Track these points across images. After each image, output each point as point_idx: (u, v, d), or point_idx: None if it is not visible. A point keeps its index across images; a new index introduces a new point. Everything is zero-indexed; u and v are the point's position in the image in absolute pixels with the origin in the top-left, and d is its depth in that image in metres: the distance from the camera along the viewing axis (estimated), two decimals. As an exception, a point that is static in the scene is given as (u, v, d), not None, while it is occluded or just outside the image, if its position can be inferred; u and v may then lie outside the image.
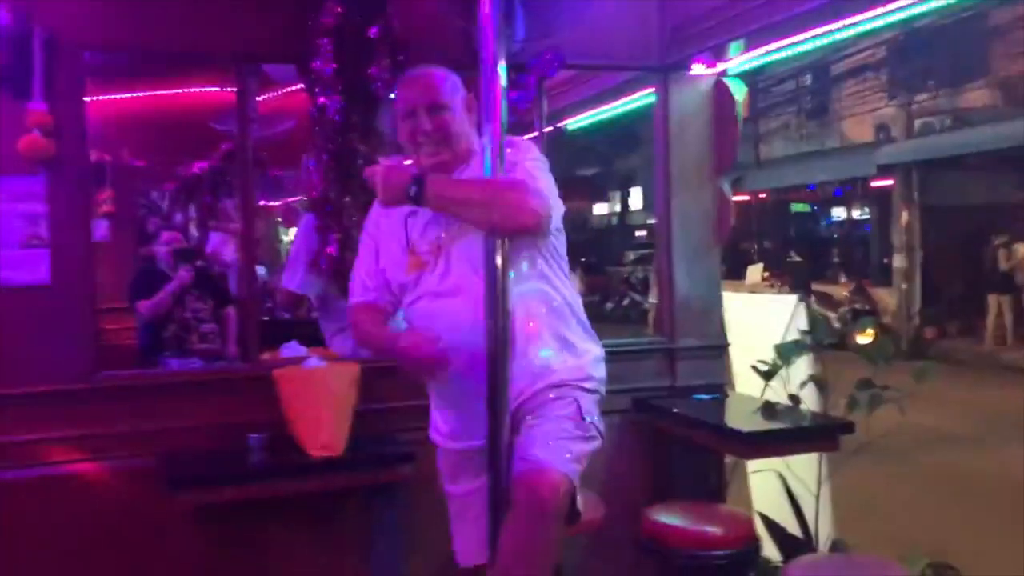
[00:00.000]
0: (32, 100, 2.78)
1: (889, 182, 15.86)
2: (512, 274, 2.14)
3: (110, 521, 2.82)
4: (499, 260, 2.09)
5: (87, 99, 3.00)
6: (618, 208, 29.60)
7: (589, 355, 2.33)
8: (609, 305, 20.44)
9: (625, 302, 20.25)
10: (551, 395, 2.22)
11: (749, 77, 3.64)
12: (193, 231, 7.22)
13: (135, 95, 5.22)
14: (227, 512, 2.84)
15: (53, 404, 2.85)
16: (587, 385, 2.29)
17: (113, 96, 5.04)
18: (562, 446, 2.16)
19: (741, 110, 3.59)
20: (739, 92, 3.58)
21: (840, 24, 3.16)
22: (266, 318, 5.24)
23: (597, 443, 2.26)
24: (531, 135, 3.54)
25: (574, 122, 5.32)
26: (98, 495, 2.84)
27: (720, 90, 3.61)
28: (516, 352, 2.15)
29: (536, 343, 2.22)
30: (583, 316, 2.37)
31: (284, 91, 4.95)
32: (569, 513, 2.15)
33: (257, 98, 4.28)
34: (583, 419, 2.23)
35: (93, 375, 2.91)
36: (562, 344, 2.26)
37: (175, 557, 2.87)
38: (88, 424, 2.85)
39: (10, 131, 2.78)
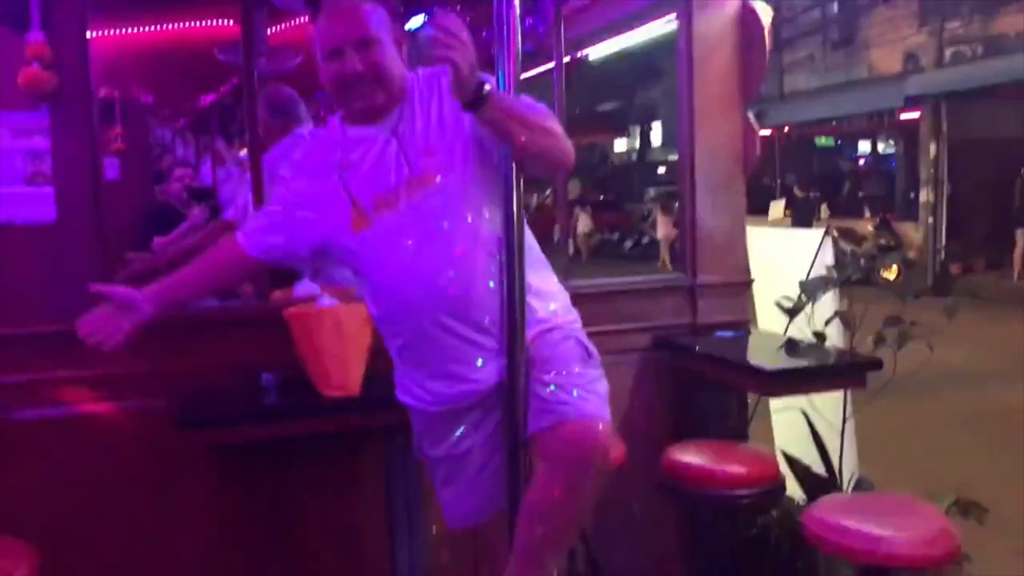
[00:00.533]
0: (31, 30, 2.69)
1: (916, 114, 15.52)
2: (469, 218, 2.07)
3: (123, 462, 2.81)
4: (515, 206, 2.03)
5: (92, 34, 2.91)
6: (638, 144, 29.25)
7: (562, 295, 2.25)
8: (628, 243, 20.32)
9: (645, 240, 20.12)
10: (554, 338, 2.15)
11: (773, 6, 3.48)
12: (205, 167, 7.16)
13: (142, 30, 5.12)
14: (241, 452, 2.82)
15: (65, 344, 2.80)
16: (576, 324, 2.23)
17: (120, 31, 4.94)
18: (591, 391, 2.09)
19: (768, 35, 3.44)
20: (766, 16, 3.42)
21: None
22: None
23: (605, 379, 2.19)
24: (548, 66, 3.43)
25: (594, 51, 5.17)
26: (111, 435, 2.82)
27: (747, 13, 3.45)
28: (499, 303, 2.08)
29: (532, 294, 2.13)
30: (540, 254, 2.25)
31: (294, 23, 4.84)
32: None
33: (266, 31, 4.19)
34: (591, 356, 2.17)
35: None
36: (537, 288, 2.15)
37: (190, 497, 2.86)
38: (101, 364, 2.79)
39: (10, 64, 2.69)
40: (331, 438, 2.81)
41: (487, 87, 1.89)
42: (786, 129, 20.65)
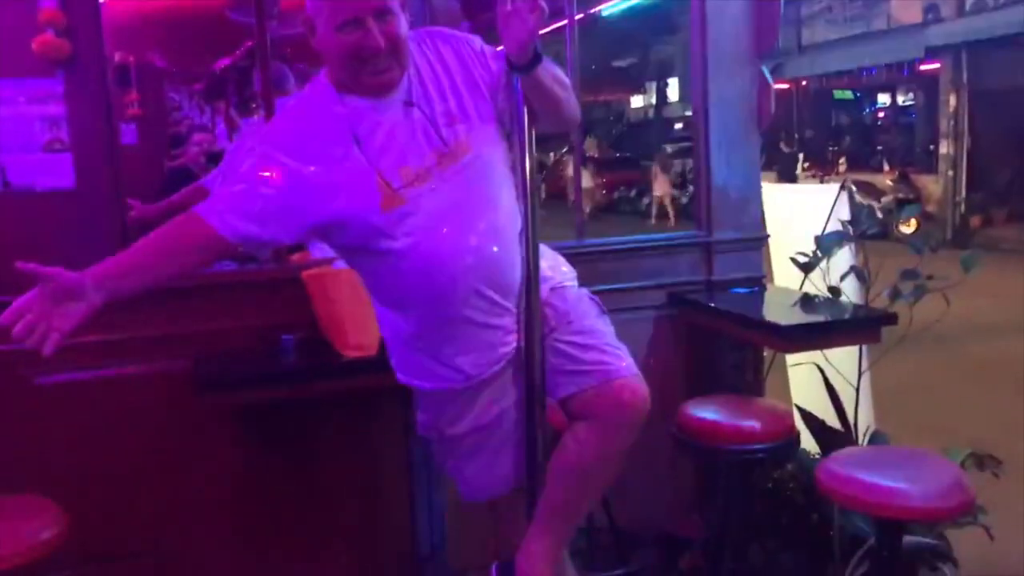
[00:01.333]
0: (43, -3, 2.70)
1: (936, 65, 15.29)
2: (499, 184, 2.08)
3: (146, 424, 2.86)
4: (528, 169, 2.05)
5: (104, -2, 2.91)
6: (655, 100, 28.97)
7: (551, 254, 2.27)
8: (646, 200, 20.21)
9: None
10: (569, 295, 2.17)
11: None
12: (223, 133, 7.15)
13: (155, -7, 5.11)
14: (262, 414, 2.86)
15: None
16: (576, 279, 2.25)
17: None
18: (618, 345, 2.13)
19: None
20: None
21: None
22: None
23: None
24: (560, 23, 3.40)
25: (607, 8, 5.10)
26: (133, 398, 2.86)
27: (760, -33, 3.41)
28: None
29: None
30: None
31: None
32: None
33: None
34: (603, 311, 2.20)
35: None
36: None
37: (212, 459, 2.91)
38: (121, 328, 2.85)
39: (24, 32, 2.70)
40: (350, 398, 2.85)
41: (535, 50, 1.91)
42: (804, 83, 20.40)
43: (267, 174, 1.93)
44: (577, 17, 3.51)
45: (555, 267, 2.24)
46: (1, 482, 2.45)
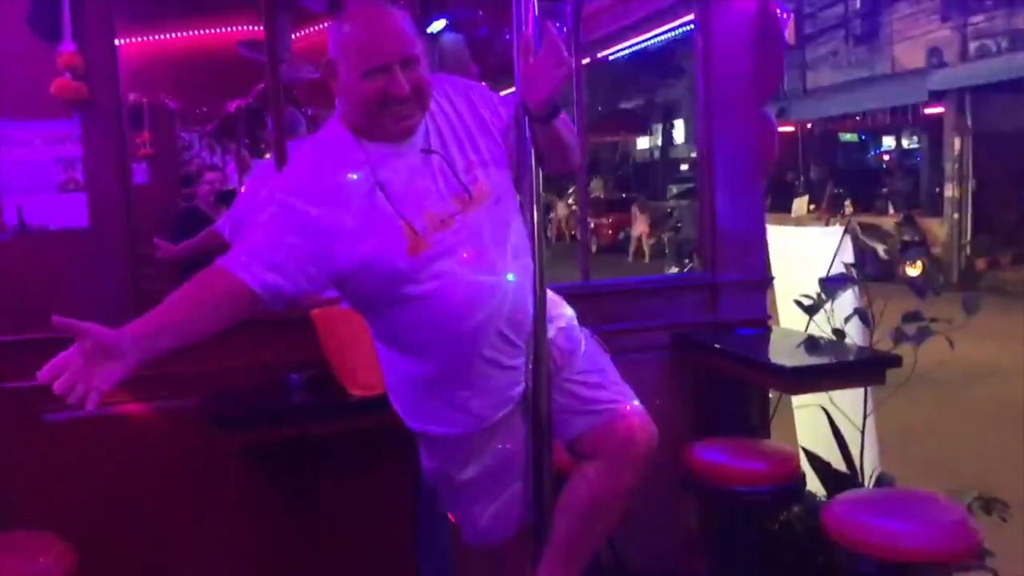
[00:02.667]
0: (62, 42, 2.76)
1: (940, 109, 15.40)
2: (515, 226, 2.12)
3: (157, 461, 2.87)
4: (535, 214, 2.10)
5: (120, 41, 2.98)
6: (660, 141, 29.16)
7: (557, 297, 2.29)
8: (651, 240, 20.27)
9: (665, 237, 20.04)
10: (573, 335, 2.20)
11: (795, 2, 3.50)
12: (233, 172, 7.23)
13: (169, 36, 5.20)
14: (270, 451, 2.87)
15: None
16: (575, 319, 2.27)
17: (147, 37, 5.03)
18: (624, 384, 2.17)
19: (786, 35, 3.46)
20: (784, 15, 3.44)
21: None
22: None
23: None
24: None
25: (613, 52, 5.19)
26: (144, 435, 2.88)
27: (764, 13, 3.47)
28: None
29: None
30: None
31: (316, 29, 4.90)
32: None
33: (290, 36, 4.24)
34: (606, 350, 2.24)
35: (135, 317, 2.93)
36: None
37: (219, 496, 2.92)
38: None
39: (42, 74, 2.76)
40: (357, 437, 2.86)
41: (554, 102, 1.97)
42: (809, 125, 20.54)
43: (289, 223, 1.92)
44: (584, 61, 3.57)
45: (559, 308, 2.26)
46: (8, 518, 2.46)
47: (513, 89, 2.11)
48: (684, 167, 26.07)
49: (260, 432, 2.77)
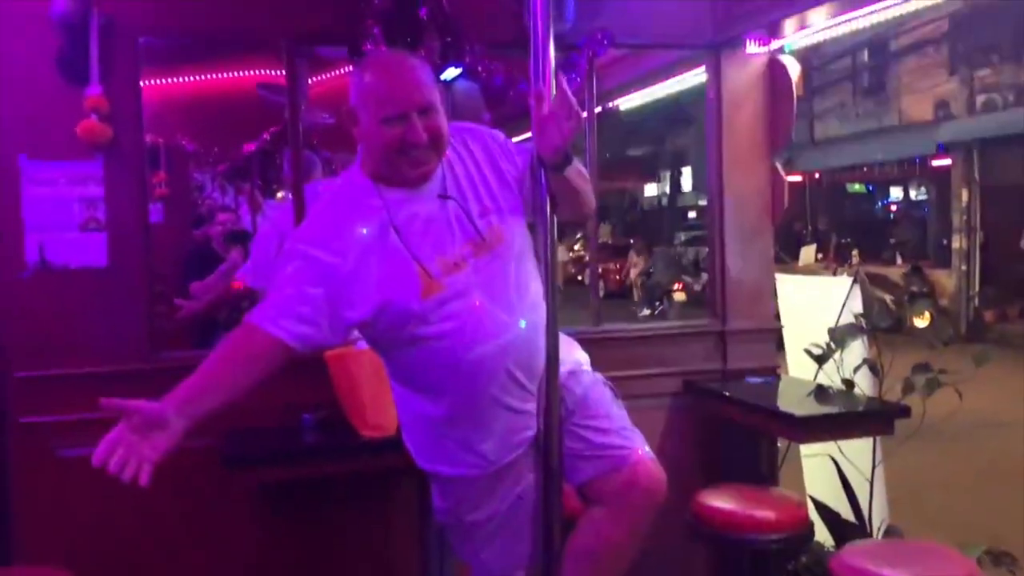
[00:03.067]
0: (89, 85, 2.83)
1: (948, 161, 15.49)
2: (528, 270, 2.16)
3: (171, 498, 2.88)
4: (550, 260, 2.13)
5: (142, 83, 3.05)
6: (668, 188, 29.34)
7: (571, 342, 2.33)
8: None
9: (675, 284, 20.08)
10: (584, 380, 2.22)
11: (803, 54, 3.56)
12: (244, 213, 7.31)
13: (187, 79, 5.30)
14: (282, 490, 2.89)
15: (113, 384, 2.90)
16: (588, 364, 2.30)
17: (166, 80, 5.12)
18: (634, 430, 2.19)
19: (796, 88, 3.53)
20: (794, 69, 3.51)
21: (900, -1, 3.07)
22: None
23: None
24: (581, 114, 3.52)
25: (625, 101, 5.26)
26: (159, 473, 2.88)
27: (774, 68, 3.54)
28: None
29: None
30: None
31: (333, 74, 4.99)
32: None
33: (308, 81, 4.32)
34: (617, 395, 2.26)
35: (151, 355, 2.97)
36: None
37: (232, 534, 2.93)
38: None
39: (68, 116, 2.83)
40: (368, 477, 2.88)
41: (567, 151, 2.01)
42: (817, 175, 20.65)
43: (312, 275, 1.97)
44: (596, 111, 3.63)
45: (571, 352, 2.29)
46: (23, 552, 2.47)
47: (528, 135, 2.16)
48: (692, 214, 26.18)
49: (273, 471, 2.78)
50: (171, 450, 1.80)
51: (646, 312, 15.49)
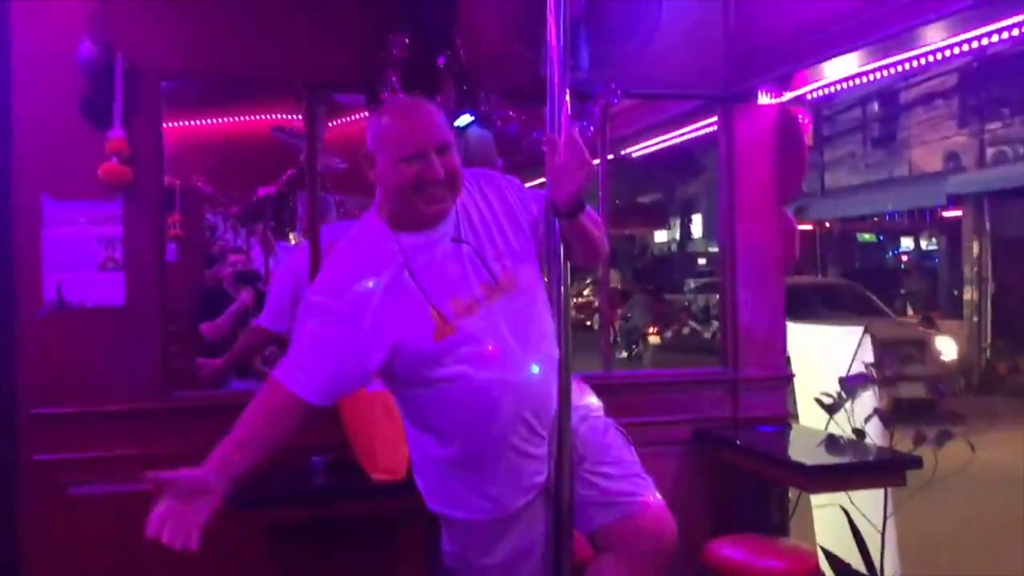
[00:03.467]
0: (112, 128, 2.89)
1: (958, 212, 15.53)
2: (541, 315, 2.17)
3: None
4: (563, 306, 2.14)
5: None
6: (679, 235, 29.42)
7: (584, 386, 2.34)
8: (668, 334, 20.26)
9: (685, 331, 20.05)
10: (597, 425, 2.23)
11: (814, 105, 3.61)
12: (256, 255, 7.35)
13: (204, 122, 5.38)
14: (291, 531, 2.88)
15: (126, 422, 2.93)
16: (601, 409, 2.31)
17: (183, 123, 5.20)
18: (646, 478, 2.19)
19: (806, 139, 3.57)
20: (804, 121, 3.55)
21: (912, 53, 3.10)
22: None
23: None
24: (593, 162, 3.56)
25: (636, 149, 5.32)
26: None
27: (785, 119, 3.58)
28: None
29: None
30: None
31: (348, 120, 5.06)
32: None
33: (325, 126, 4.39)
34: (630, 442, 2.26)
35: (164, 395, 2.99)
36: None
37: (243, 574, 2.91)
38: (159, 443, 2.92)
39: (90, 157, 2.88)
40: (377, 520, 2.87)
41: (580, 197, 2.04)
42: (828, 224, 20.68)
43: (333, 331, 2.02)
44: (608, 158, 3.67)
45: (583, 397, 2.29)
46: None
47: (541, 181, 2.19)
48: (702, 261, 26.20)
49: (283, 513, 2.78)
50: (216, 512, 1.88)
51: (624, 355, 15.81)
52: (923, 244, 20.47)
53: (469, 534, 2.18)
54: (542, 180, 2.17)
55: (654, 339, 16.56)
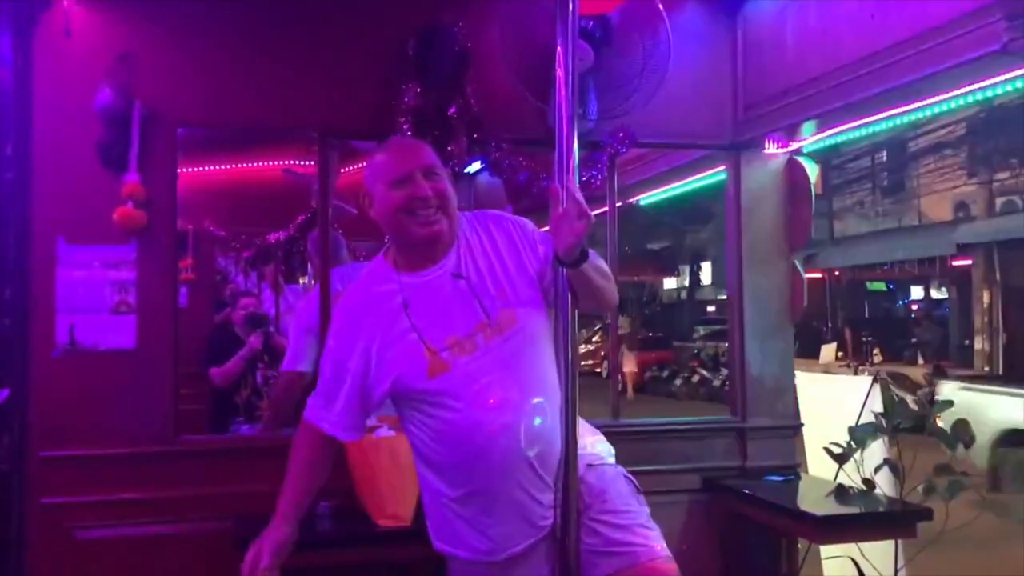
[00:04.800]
0: (127, 172, 2.93)
1: (968, 261, 15.52)
2: (542, 356, 2.17)
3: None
4: (569, 353, 2.14)
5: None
6: (687, 282, 29.46)
7: (595, 433, 2.33)
8: (678, 381, 20.19)
9: (694, 378, 19.99)
10: (606, 473, 2.22)
11: (822, 154, 3.65)
12: (266, 298, 7.39)
13: (217, 167, 5.44)
14: (296, 577, 2.86)
15: (134, 466, 2.94)
16: (612, 456, 2.28)
17: (196, 168, 5.26)
18: (652, 527, 2.16)
19: (814, 189, 3.59)
20: (812, 171, 3.58)
21: (918, 105, 3.14)
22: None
23: None
24: (602, 210, 3.59)
25: (645, 198, 5.36)
26: (169, 556, 2.89)
27: (793, 168, 3.62)
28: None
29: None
30: None
31: (360, 166, 5.11)
32: None
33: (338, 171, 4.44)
34: (639, 491, 2.23)
35: (173, 438, 3.00)
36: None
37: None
38: (166, 486, 2.93)
39: (106, 201, 2.92)
40: (383, 567, 2.85)
41: (583, 245, 2.05)
42: (837, 273, 20.70)
43: (351, 373, 2.16)
44: (617, 206, 3.70)
45: (593, 443, 2.29)
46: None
47: (547, 228, 2.22)
48: (711, 308, 26.20)
49: (288, 559, 2.76)
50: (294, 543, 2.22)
51: None
52: (933, 293, 20.44)
53: (469, 573, 2.17)
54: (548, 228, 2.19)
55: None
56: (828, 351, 17.29)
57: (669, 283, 30.75)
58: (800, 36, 3.24)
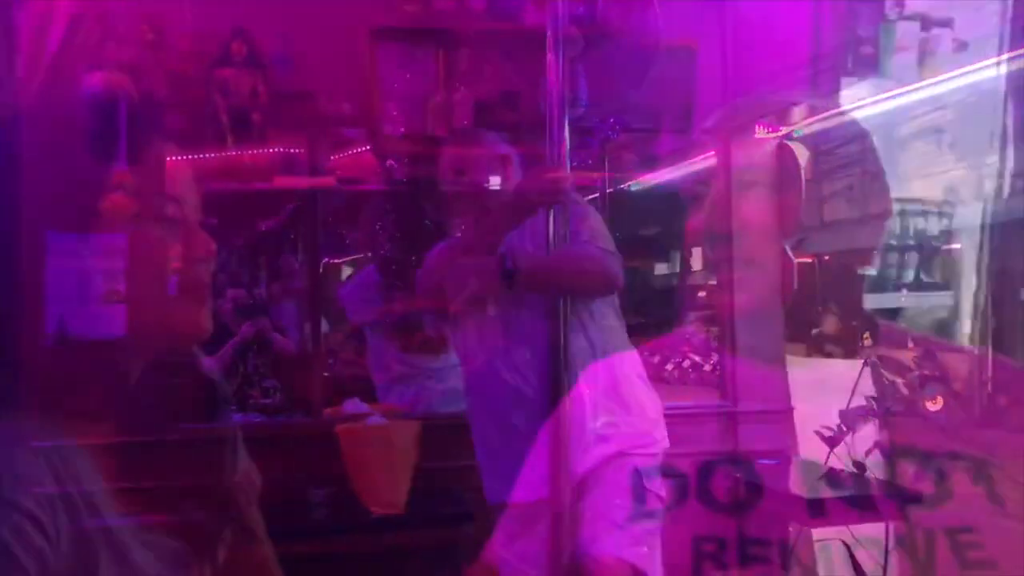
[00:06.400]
0: (116, 161, 2.90)
1: (957, 245, 15.58)
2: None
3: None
4: (560, 321, 2.13)
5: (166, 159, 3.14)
6: (678, 268, 29.52)
7: (647, 413, 2.31)
8: (669, 366, 20.24)
9: (685, 363, 20.03)
10: (611, 467, 2.22)
11: (813, 139, 3.65)
12: (257, 287, 7.36)
13: (207, 156, 5.40)
14: (292, 567, 2.86)
15: (125, 456, 2.91)
16: (650, 450, 2.26)
17: (186, 156, 5.23)
18: (624, 530, 2.15)
19: (804, 173, 3.59)
20: (802, 155, 3.58)
21: (905, 88, 3.14)
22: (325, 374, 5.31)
23: (660, 514, 2.22)
24: (593, 195, 3.59)
25: (637, 184, 5.35)
26: (164, 546, 2.88)
27: (783, 153, 3.61)
28: (572, 418, 2.13)
29: (591, 408, 2.19)
30: (640, 369, 2.33)
31: (352, 152, 5.09)
32: None
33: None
34: (646, 489, 2.21)
35: (167, 427, 2.98)
36: (619, 404, 2.23)
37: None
38: (150, 476, 2.91)
39: (95, 190, 2.90)
40: (378, 555, 2.86)
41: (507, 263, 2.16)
42: (827, 257, 20.72)
43: None
44: (608, 191, 3.70)
45: (638, 431, 2.27)
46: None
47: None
48: (702, 293, 26.27)
49: (281, 547, 2.75)
50: None
51: None
52: (923, 277, 20.51)
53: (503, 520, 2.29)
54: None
55: None
56: (817, 335, 17.32)
57: (660, 268, 30.82)
58: (792, 19, 3.23)
